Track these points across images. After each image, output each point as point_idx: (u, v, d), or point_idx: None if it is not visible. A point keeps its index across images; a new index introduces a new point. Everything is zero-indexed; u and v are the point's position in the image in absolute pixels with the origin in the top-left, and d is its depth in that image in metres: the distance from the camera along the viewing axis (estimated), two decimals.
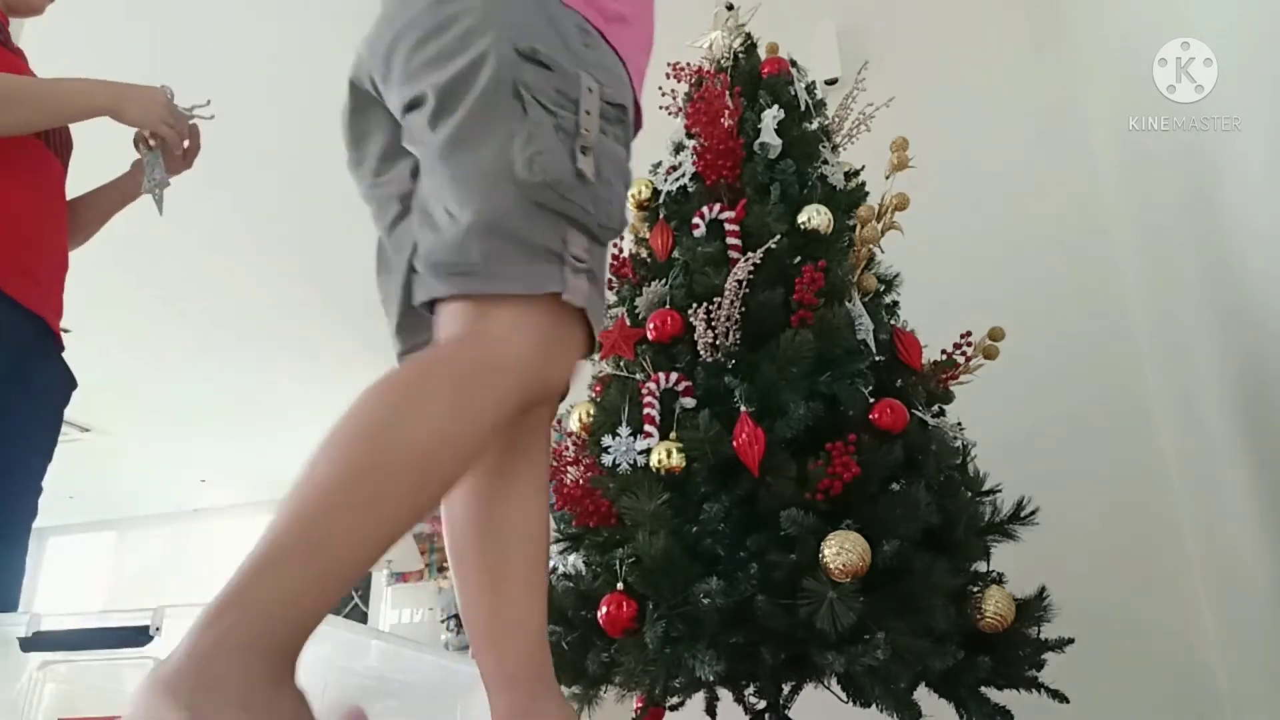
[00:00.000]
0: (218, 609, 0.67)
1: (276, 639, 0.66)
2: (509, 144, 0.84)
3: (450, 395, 0.77)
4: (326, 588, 0.71)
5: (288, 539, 0.74)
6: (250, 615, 0.67)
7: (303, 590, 0.70)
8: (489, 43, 0.87)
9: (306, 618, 0.69)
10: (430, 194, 0.89)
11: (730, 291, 1.52)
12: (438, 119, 0.87)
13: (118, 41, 3.24)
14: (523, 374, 0.82)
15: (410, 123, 0.93)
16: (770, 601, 1.32)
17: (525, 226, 0.83)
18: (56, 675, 1.18)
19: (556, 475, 1.61)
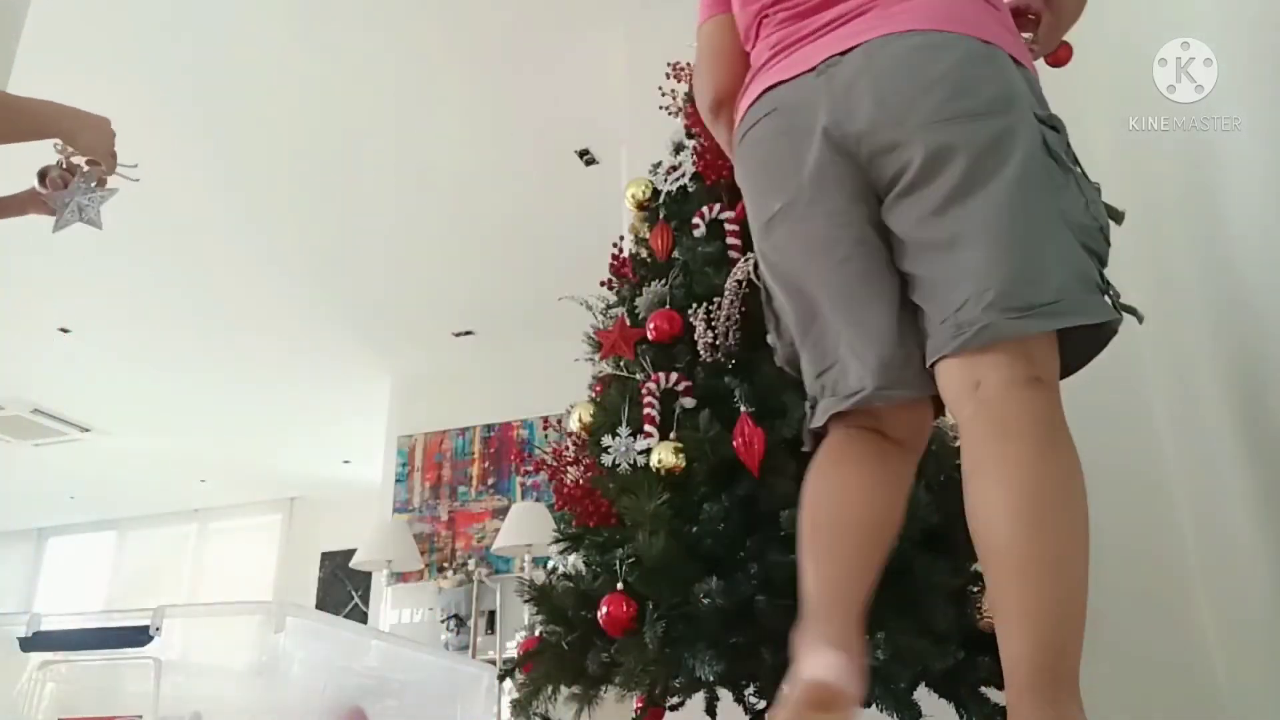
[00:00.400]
0: (1055, 687, 0.84)
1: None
2: (1061, 194, 0.98)
3: (1071, 443, 0.93)
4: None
5: (1079, 605, 0.86)
6: (1072, 680, 0.83)
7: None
8: (1021, 109, 1.00)
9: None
10: (978, 240, 0.96)
11: (730, 291, 1.52)
12: (981, 173, 0.96)
13: (130, 41, 3.24)
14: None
15: (929, 171, 0.98)
16: (770, 601, 1.32)
17: (1085, 265, 0.98)
18: (56, 675, 1.18)
19: (556, 475, 1.61)
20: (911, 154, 0.99)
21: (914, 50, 1.02)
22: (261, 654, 1.16)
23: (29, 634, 1.18)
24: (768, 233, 1.12)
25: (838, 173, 1.04)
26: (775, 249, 1.12)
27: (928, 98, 0.99)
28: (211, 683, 1.21)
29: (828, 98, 1.04)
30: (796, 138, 1.06)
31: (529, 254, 4.59)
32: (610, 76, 3.35)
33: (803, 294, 1.11)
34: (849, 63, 1.04)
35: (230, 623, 1.26)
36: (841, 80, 1.03)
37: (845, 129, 1.03)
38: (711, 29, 1.29)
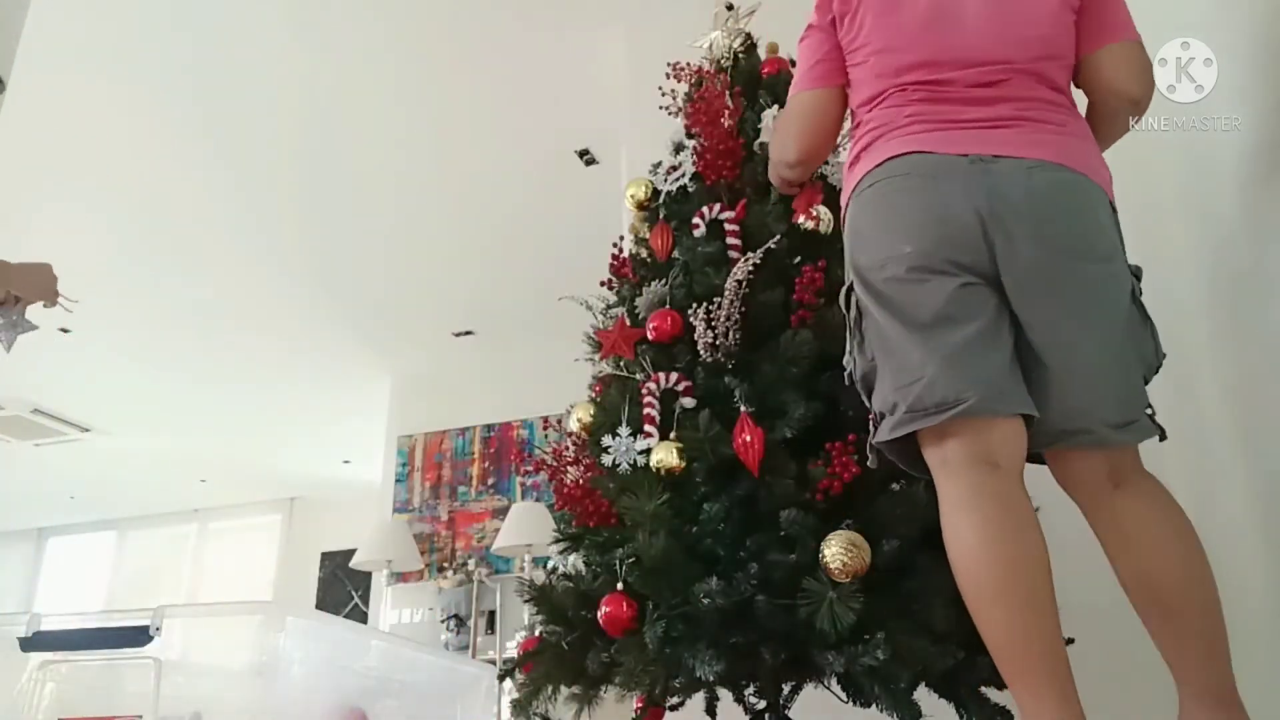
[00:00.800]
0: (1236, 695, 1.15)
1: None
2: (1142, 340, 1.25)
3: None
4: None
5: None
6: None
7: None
8: (1123, 258, 1.26)
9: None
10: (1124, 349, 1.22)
11: (730, 291, 1.52)
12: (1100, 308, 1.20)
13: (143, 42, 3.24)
14: None
15: (1084, 286, 1.20)
16: (770, 601, 1.32)
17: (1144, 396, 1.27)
18: (56, 675, 1.18)
19: (556, 475, 1.61)
20: (1046, 276, 1.19)
21: (1061, 185, 1.22)
22: (261, 654, 1.16)
23: (29, 634, 1.18)
24: (888, 268, 1.22)
25: (980, 251, 1.19)
26: (899, 282, 1.22)
27: (1070, 232, 1.20)
28: (211, 683, 1.21)
29: (983, 188, 1.20)
30: (945, 206, 1.21)
31: (529, 254, 4.59)
32: (610, 76, 3.35)
33: (907, 323, 1.20)
34: (1004, 168, 1.22)
35: (230, 623, 1.26)
36: (997, 178, 1.21)
37: (996, 229, 1.19)
38: (820, 100, 1.45)
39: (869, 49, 1.37)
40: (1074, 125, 1.31)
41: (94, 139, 3.67)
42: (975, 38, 1.30)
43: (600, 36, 3.29)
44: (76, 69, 3.31)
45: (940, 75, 1.30)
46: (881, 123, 1.32)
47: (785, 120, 1.52)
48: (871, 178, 1.28)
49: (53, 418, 5.96)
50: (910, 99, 1.30)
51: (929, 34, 1.31)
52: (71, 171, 3.81)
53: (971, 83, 1.28)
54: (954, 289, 1.18)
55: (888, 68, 1.33)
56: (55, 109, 3.48)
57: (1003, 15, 1.31)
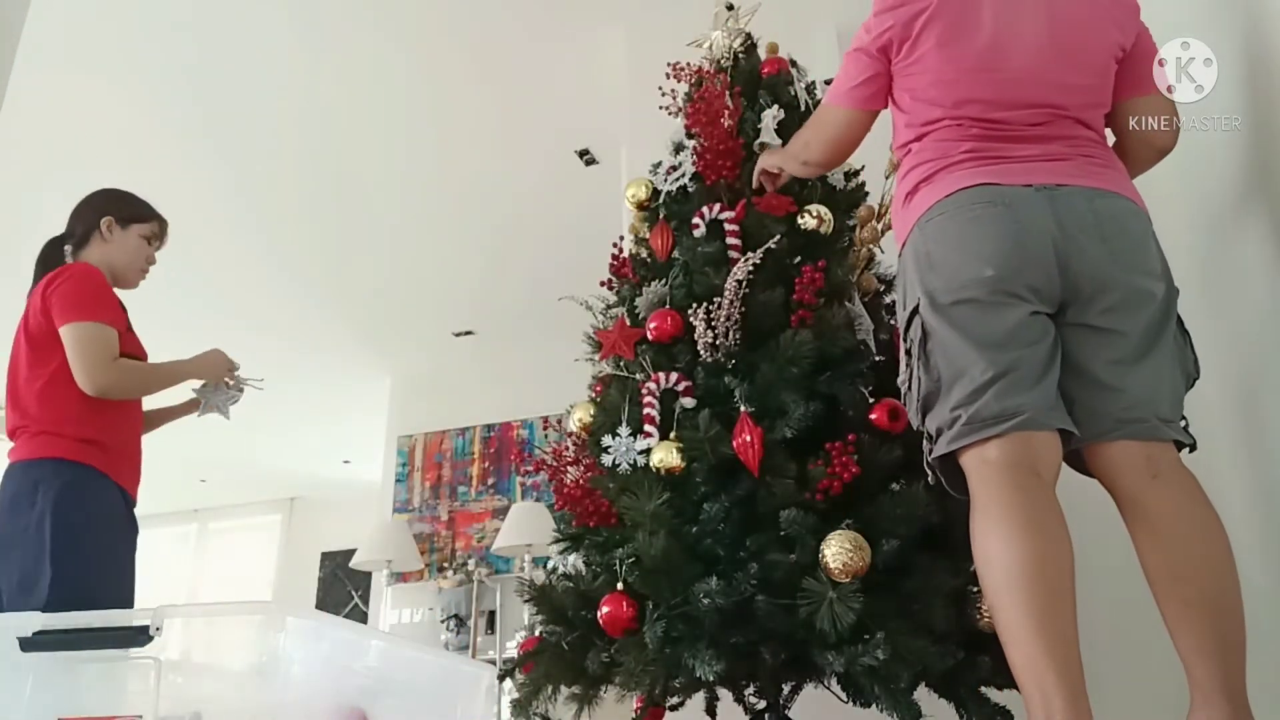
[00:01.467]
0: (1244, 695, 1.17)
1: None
2: (1184, 351, 1.36)
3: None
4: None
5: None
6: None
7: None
8: (1169, 277, 1.36)
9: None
10: (1166, 363, 1.30)
11: (730, 291, 1.52)
12: (1155, 322, 1.30)
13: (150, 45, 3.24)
14: None
15: (1125, 305, 1.29)
16: (770, 601, 1.32)
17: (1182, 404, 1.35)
18: (57, 675, 1.18)
19: (556, 475, 1.61)
20: (1121, 287, 1.29)
21: (1123, 211, 1.33)
22: (261, 654, 1.16)
23: (29, 634, 1.18)
24: (968, 289, 1.29)
25: (1056, 277, 1.29)
26: (971, 307, 1.29)
27: (1135, 253, 1.31)
28: (211, 683, 1.21)
29: (1053, 212, 1.29)
30: (1023, 231, 1.29)
31: (529, 254, 4.59)
32: (610, 76, 3.35)
33: (975, 344, 1.27)
34: (1071, 196, 1.31)
35: (230, 623, 1.25)
36: (1063, 202, 1.30)
37: (1070, 246, 1.28)
38: (853, 120, 1.55)
39: (927, 78, 1.42)
40: (1115, 162, 1.43)
41: (95, 140, 3.67)
42: (1030, 81, 1.38)
43: (600, 37, 3.29)
44: (77, 69, 3.31)
45: (995, 114, 1.37)
46: (938, 155, 1.38)
47: (817, 126, 1.61)
48: (941, 207, 1.33)
49: None
50: (966, 133, 1.37)
51: (987, 72, 1.38)
52: (74, 171, 3.81)
53: (1025, 122, 1.37)
54: (1026, 314, 1.27)
55: (945, 98, 1.39)
56: (58, 108, 3.48)
57: (1057, 62, 1.39)
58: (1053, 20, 1.40)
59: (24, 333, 2.05)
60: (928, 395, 1.30)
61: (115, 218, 2.20)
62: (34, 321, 2.03)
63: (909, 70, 1.44)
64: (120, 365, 2.01)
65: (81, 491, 1.91)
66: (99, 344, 1.97)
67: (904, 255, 1.40)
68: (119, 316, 2.09)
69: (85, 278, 2.07)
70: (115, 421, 2.03)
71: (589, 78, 3.45)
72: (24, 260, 2.31)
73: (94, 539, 1.89)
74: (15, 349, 2.06)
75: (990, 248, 1.27)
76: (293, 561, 7.77)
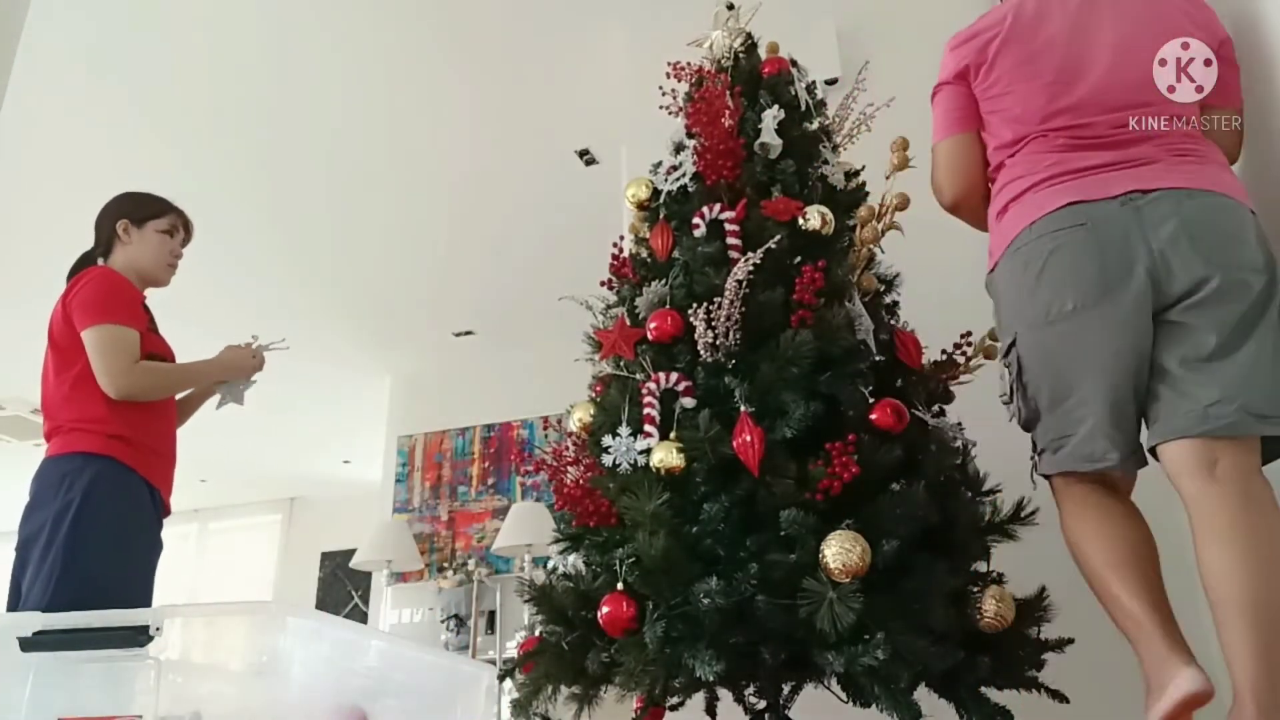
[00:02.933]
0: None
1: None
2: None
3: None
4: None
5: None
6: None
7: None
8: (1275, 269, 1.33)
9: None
10: (1238, 361, 1.27)
11: (730, 291, 1.52)
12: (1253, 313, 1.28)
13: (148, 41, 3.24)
14: None
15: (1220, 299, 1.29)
16: (770, 601, 1.32)
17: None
18: (57, 675, 1.18)
19: (556, 475, 1.61)
20: (1210, 283, 1.27)
21: (1212, 208, 1.31)
22: (261, 654, 1.16)
23: (29, 634, 1.18)
24: (1051, 324, 1.35)
25: (1145, 295, 1.29)
26: (1059, 337, 1.35)
27: (1227, 248, 1.29)
28: (211, 683, 1.21)
29: (1138, 228, 1.30)
30: (1111, 254, 1.30)
31: (529, 254, 4.59)
32: (610, 76, 3.35)
33: (1067, 377, 1.35)
34: (1157, 202, 1.30)
35: (230, 623, 1.26)
36: (1153, 216, 1.30)
37: (1157, 256, 1.29)
38: (959, 146, 1.58)
39: (1009, 97, 1.47)
40: (1211, 153, 1.41)
41: (96, 141, 3.67)
42: (1110, 86, 1.40)
43: (600, 36, 3.29)
44: (76, 70, 3.31)
45: (1081, 120, 1.40)
46: (1026, 172, 1.42)
47: (935, 170, 1.66)
48: (1028, 235, 1.39)
49: None
50: (1053, 145, 1.41)
51: (1066, 83, 1.41)
52: (73, 171, 3.81)
53: (1111, 125, 1.39)
54: (1113, 340, 1.31)
55: (1029, 114, 1.43)
56: (58, 112, 3.48)
57: (1134, 62, 1.42)
58: (1124, 21, 1.43)
59: (50, 341, 2.10)
60: (1028, 420, 1.46)
61: (130, 219, 2.23)
62: (57, 329, 2.08)
63: (991, 92, 1.50)
64: (141, 367, 2.03)
65: (109, 485, 1.93)
66: (119, 346, 2.00)
67: (996, 277, 1.48)
68: (139, 317, 2.11)
69: (102, 281, 2.09)
70: (144, 419, 2.04)
71: (589, 78, 3.45)
72: (23, 260, 2.32)
73: (114, 534, 1.91)
74: (45, 359, 2.12)
75: (1073, 278, 1.32)
76: (293, 561, 7.77)
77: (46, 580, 1.83)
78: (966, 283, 2.15)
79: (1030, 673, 1.56)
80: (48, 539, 1.86)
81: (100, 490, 1.91)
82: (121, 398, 1.98)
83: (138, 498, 1.99)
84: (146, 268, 2.22)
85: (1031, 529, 1.67)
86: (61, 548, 1.85)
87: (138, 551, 1.99)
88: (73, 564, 1.84)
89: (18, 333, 5.04)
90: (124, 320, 2.03)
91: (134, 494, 1.99)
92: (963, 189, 1.60)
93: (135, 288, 2.15)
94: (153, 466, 2.04)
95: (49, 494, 1.91)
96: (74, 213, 4.17)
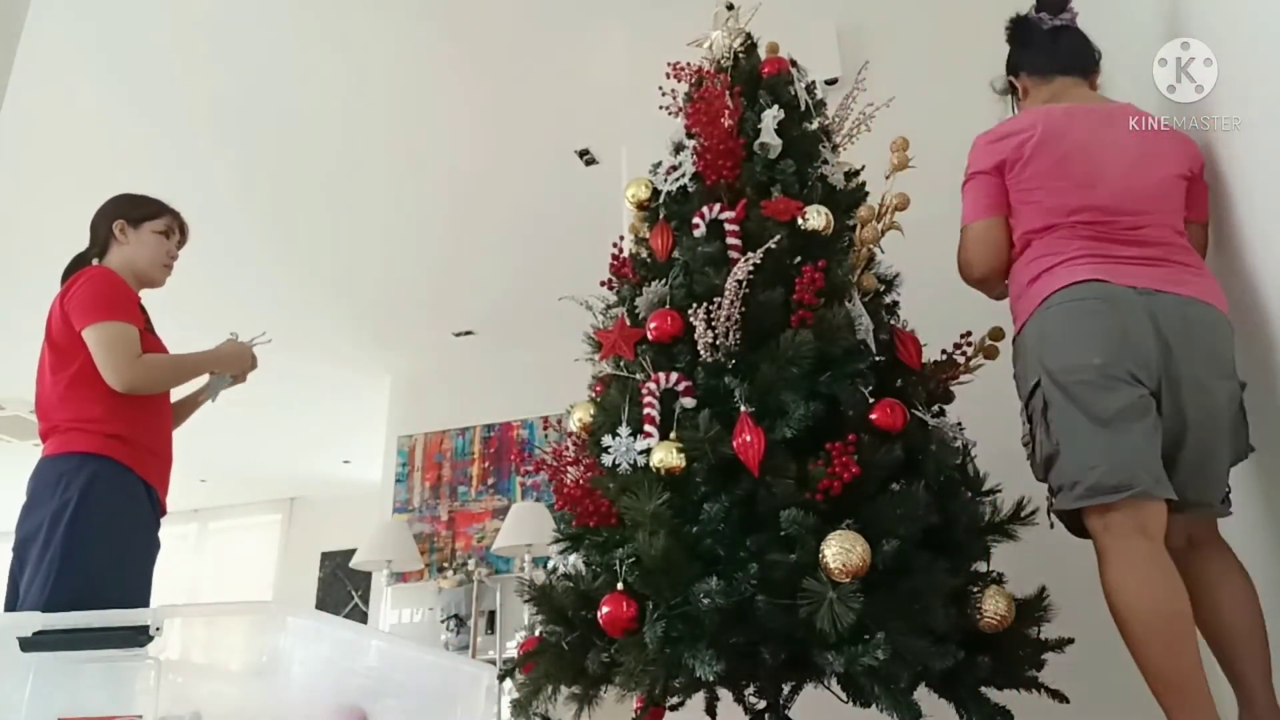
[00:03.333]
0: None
1: None
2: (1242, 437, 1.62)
3: None
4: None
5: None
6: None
7: None
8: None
9: None
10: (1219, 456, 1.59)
11: (730, 291, 1.52)
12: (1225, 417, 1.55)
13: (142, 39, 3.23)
14: None
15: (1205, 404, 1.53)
16: (770, 601, 1.32)
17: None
18: (57, 675, 1.18)
19: (556, 475, 1.61)
20: (1189, 386, 1.51)
21: (1206, 319, 1.56)
22: (261, 654, 1.16)
23: (29, 634, 1.18)
24: (1080, 373, 1.51)
25: (1151, 363, 1.51)
26: (1085, 385, 1.51)
27: (1212, 358, 1.54)
28: (211, 683, 1.21)
29: (1151, 314, 1.52)
30: (1127, 326, 1.52)
31: (529, 254, 4.59)
32: (610, 76, 3.35)
33: (1091, 419, 1.49)
34: (1164, 300, 1.54)
35: (230, 623, 1.25)
36: (1160, 307, 1.53)
37: (1163, 343, 1.51)
38: (992, 228, 1.75)
39: (1041, 191, 1.69)
40: (1203, 269, 1.66)
41: (96, 140, 3.67)
42: (1121, 192, 1.64)
43: (600, 36, 3.29)
44: (75, 70, 3.31)
45: (1102, 218, 1.63)
46: (1055, 250, 1.64)
47: (964, 247, 1.80)
48: (1060, 296, 1.58)
49: None
50: (1078, 234, 1.63)
51: (1090, 186, 1.65)
52: (72, 171, 3.81)
53: (1126, 225, 1.62)
54: (1133, 396, 1.48)
55: (1057, 209, 1.66)
56: (58, 112, 3.48)
57: (1140, 177, 1.67)
58: (1131, 140, 1.70)
59: (47, 341, 2.10)
60: (1049, 457, 1.54)
61: (126, 220, 2.23)
62: (55, 328, 2.08)
63: (1025, 185, 1.71)
64: (145, 360, 2.04)
65: (107, 484, 1.94)
66: (122, 342, 2.01)
67: (1026, 332, 1.64)
68: (137, 315, 2.12)
69: (100, 280, 2.09)
70: (141, 419, 2.05)
71: (589, 77, 3.45)
72: (22, 260, 2.32)
73: (112, 533, 1.92)
74: (40, 359, 2.13)
75: (1100, 339, 1.51)
76: (293, 561, 7.77)
77: (45, 579, 1.83)
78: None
79: (1030, 673, 1.56)
80: (45, 538, 1.86)
81: (97, 489, 1.92)
82: (128, 391, 1.99)
83: (135, 497, 2.00)
84: (142, 268, 2.23)
85: (1031, 529, 1.67)
86: (59, 547, 1.85)
87: (135, 550, 2.00)
88: (70, 563, 1.84)
89: (18, 333, 5.04)
90: (123, 317, 2.04)
91: (131, 493, 1.99)
92: (993, 266, 1.77)
93: (131, 287, 2.16)
94: (149, 466, 2.05)
95: (46, 494, 1.91)
96: (74, 213, 4.18)
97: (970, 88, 2.87)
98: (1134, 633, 1.42)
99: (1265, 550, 1.78)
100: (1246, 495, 1.88)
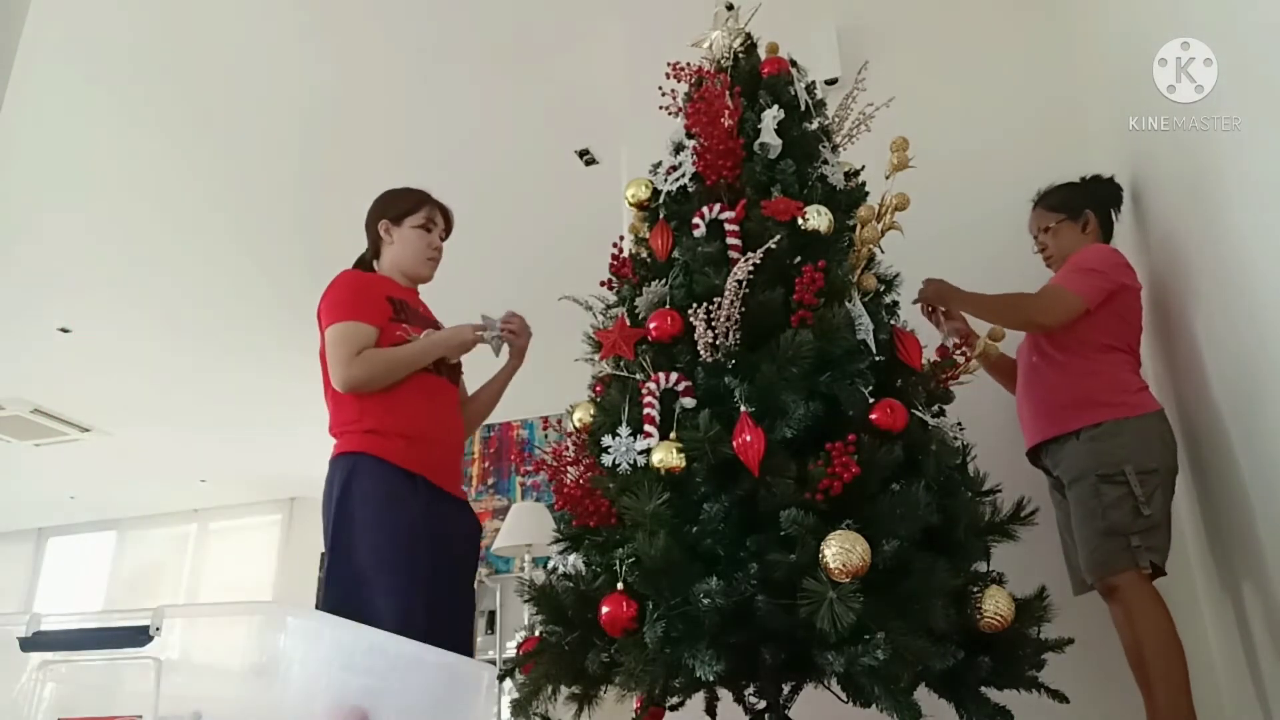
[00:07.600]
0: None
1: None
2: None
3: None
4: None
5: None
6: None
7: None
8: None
9: None
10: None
11: (730, 291, 1.52)
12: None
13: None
14: None
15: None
16: (770, 601, 1.32)
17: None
18: (56, 675, 1.18)
19: (556, 475, 1.61)
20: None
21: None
22: (261, 654, 1.16)
23: (29, 634, 1.18)
24: (1169, 474, 2.03)
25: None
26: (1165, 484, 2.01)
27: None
28: (211, 683, 1.21)
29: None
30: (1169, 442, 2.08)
31: (529, 254, 4.59)
32: (610, 76, 3.35)
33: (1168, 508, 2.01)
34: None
35: (230, 623, 1.25)
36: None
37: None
38: (1082, 310, 2.08)
39: (1126, 322, 2.12)
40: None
41: (95, 139, 3.67)
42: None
43: (600, 36, 3.29)
44: (74, 70, 3.31)
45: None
46: (1136, 372, 2.11)
47: (1057, 302, 2.09)
48: (1159, 416, 2.03)
49: (53, 418, 5.95)
50: (1135, 366, 2.11)
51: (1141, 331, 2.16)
52: (72, 172, 3.81)
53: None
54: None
55: (1134, 341, 2.13)
56: (58, 113, 3.48)
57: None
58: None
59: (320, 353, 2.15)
60: (1135, 520, 1.92)
61: (389, 219, 2.29)
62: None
63: (1126, 307, 2.10)
64: (362, 358, 2.02)
65: (359, 479, 1.96)
66: (342, 342, 2.03)
67: (1143, 426, 2.00)
68: (372, 312, 2.10)
69: (333, 284, 2.17)
70: (396, 408, 2.02)
71: (589, 78, 3.45)
72: (23, 260, 2.31)
73: (370, 524, 1.92)
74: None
75: (1169, 453, 2.02)
76: (293, 561, 7.77)
77: (326, 576, 1.91)
78: (967, 283, 2.15)
79: (1030, 673, 1.56)
80: (329, 543, 1.94)
81: (352, 485, 1.95)
82: (346, 390, 1.99)
83: (391, 485, 1.96)
84: (409, 265, 2.27)
85: (1031, 529, 1.67)
86: (329, 542, 1.92)
87: (398, 536, 1.93)
88: (337, 555, 1.90)
89: (18, 334, 5.05)
90: (352, 316, 2.05)
91: (387, 481, 1.96)
92: (1057, 329, 2.12)
93: (373, 283, 2.18)
94: (412, 454, 2.01)
95: (325, 500, 1.99)
96: (75, 213, 4.18)
97: (970, 88, 2.88)
98: (1182, 678, 1.85)
99: (1263, 552, 1.78)
100: (1241, 501, 1.88)
